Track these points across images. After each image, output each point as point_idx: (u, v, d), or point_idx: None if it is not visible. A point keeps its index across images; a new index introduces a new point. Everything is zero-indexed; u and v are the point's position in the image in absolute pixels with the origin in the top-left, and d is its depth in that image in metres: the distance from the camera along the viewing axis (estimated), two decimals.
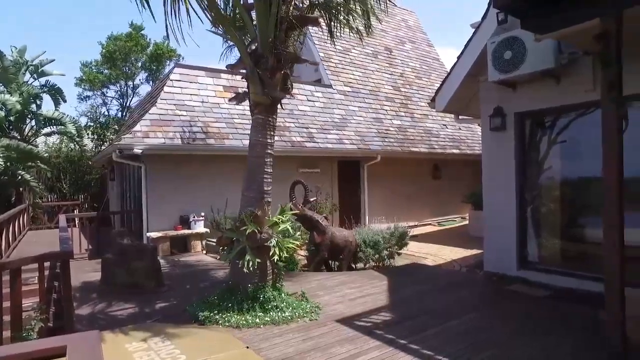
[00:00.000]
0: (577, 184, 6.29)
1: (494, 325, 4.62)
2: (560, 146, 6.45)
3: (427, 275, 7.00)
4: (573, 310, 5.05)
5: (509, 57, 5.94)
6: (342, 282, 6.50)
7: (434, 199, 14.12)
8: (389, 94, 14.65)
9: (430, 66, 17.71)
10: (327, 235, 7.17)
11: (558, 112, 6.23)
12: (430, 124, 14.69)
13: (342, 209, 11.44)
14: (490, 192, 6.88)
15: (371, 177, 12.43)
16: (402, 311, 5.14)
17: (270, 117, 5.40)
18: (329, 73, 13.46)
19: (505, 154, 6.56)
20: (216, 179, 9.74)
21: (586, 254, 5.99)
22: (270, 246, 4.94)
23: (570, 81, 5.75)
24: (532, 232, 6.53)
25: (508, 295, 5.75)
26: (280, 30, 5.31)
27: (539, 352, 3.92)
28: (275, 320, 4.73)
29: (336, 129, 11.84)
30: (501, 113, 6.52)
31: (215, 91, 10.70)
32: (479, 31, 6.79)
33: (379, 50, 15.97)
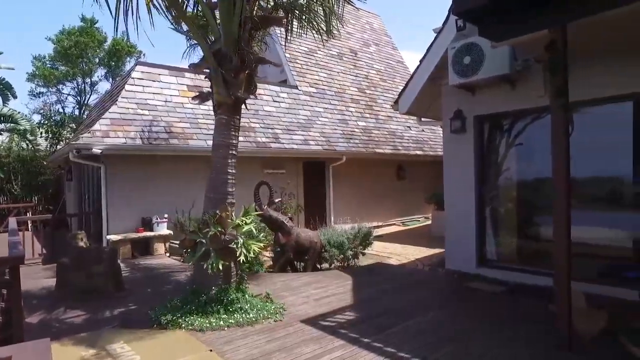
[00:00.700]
0: (532, 185, 6.60)
1: (454, 322, 4.77)
2: (517, 148, 6.75)
3: (390, 274, 7.14)
4: (527, 304, 5.29)
5: (468, 62, 6.16)
6: (307, 283, 6.53)
7: (398, 199, 14.40)
8: (354, 96, 14.82)
9: (395, 69, 18.05)
10: (292, 236, 7.18)
11: (514, 115, 6.53)
12: (394, 126, 14.97)
13: (308, 209, 11.47)
14: (451, 192, 7.10)
15: (336, 177, 12.53)
16: (366, 310, 5.22)
17: (234, 117, 5.36)
18: (295, 74, 13.47)
19: (465, 156, 6.79)
20: (181, 179, 9.54)
21: (540, 251, 6.29)
22: (234, 248, 4.90)
23: (524, 86, 6.03)
24: (490, 231, 6.80)
25: (468, 292, 5.95)
26: (245, 30, 5.28)
27: (495, 345, 4.09)
28: (240, 322, 4.70)
29: (302, 129, 11.86)
30: (461, 116, 6.75)
31: (179, 90, 10.48)
32: (440, 36, 7.00)
33: (344, 52, 16.12)
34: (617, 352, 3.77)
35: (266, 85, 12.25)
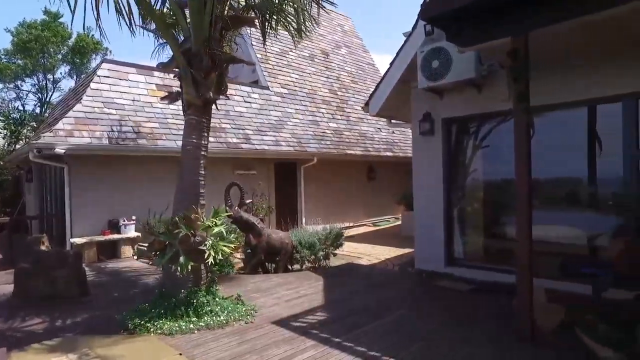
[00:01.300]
0: (498, 186, 6.82)
1: (423, 320, 4.88)
2: (483, 150, 6.96)
3: (361, 274, 7.23)
4: (492, 301, 5.47)
5: (437, 66, 6.31)
6: (279, 284, 6.52)
7: (369, 200, 14.58)
8: (326, 97, 14.90)
9: (365, 71, 18.26)
10: (263, 237, 7.15)
11: (481, 118, 6.73)
12: (365, 127, 15.14)
13: (279, 210, 11.44)
14: (420, 193, 7.25)
15: (308, 178, 12.56)
16: (337, 310, 5.27)
17: (204, 118, 5.29)
18: (267, 75, 13.42)
19: (433, 157, 6.95)
20: (150, 181, 9.33)
21: (505, 249, 6.49)
22: (204, 249, 4.83)
23: (490, 91, 6.23)
24: (458, 231, 6.99)
25: (436, 291, 6.09)
26: (215, 29, 5.23)
27: (461, 341, 4.22)
28: (210, 324, 4.65)
29: (273, 130, 11.82)
30: (430, 118, 6.91)
31: (148, 89, 10.23)
32: (410, 40, 7.12)
33: (316, 53, 16.19)
34: (573, 343, 3.96)
35: (237, 86, 12.15)
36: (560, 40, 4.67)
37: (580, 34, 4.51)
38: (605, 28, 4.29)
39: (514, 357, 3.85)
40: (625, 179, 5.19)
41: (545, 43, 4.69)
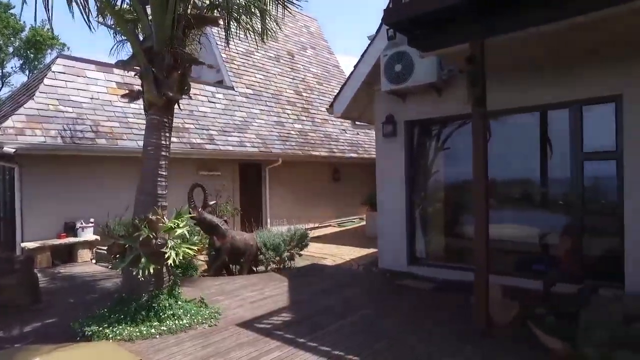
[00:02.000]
0: (459, 186, 7.06)
1: (386, 318, 4.98)
2: (445, 152, 7.19)
3: (326, 274, 7.28)
4: (453, 298, 5.65)
5: (399, 70, 6.47)
6: (243, 286, 6.47)
7: (334, 200, 14.69)
8: (291, 98, 14.90)
9: (331, 73, 18.40)
10: (227, 239, 7.07)
11: (442, 121, 6.95)
12: (330, 129, 15.25)
13: (244, 211, 11.34)
14: (383, 194, 7.40)
15: (273, 179, 12.52)
16: (302, 311, 5.29)
17: (166, 117, 5.18)
18: (231, 75, 13.27)
19: (396, 159, 7.11)
20: (110, 182, 9.01)
21: (465, 248, 6.73)
22: (166, 252, 4.73)
23: (450, 95, 6.45)
24: (420, 230, 7.17)
25: (399, 290, 6.22)
26: (178, 28, 5.14)
27: (423, 336, 4.35)
28: (173, 328, 4.55)
29: (238, 131, 11.70)
30: (392, 121, 7.06)
31: (107, 87, 9.87)
32: (374, 43, 7.26)
33: (282, 54, 16.16)
34: (526, 335, 4.18)
35: (202, 86, 11.93)
36: (515, 48, 4.91)
37: (533, 43, 4.76)
38: (553, 39, 4.56)
39: (471, 350, 4.00)
40: (572, 180, 5.51)
41: (502, 50, 4.91)
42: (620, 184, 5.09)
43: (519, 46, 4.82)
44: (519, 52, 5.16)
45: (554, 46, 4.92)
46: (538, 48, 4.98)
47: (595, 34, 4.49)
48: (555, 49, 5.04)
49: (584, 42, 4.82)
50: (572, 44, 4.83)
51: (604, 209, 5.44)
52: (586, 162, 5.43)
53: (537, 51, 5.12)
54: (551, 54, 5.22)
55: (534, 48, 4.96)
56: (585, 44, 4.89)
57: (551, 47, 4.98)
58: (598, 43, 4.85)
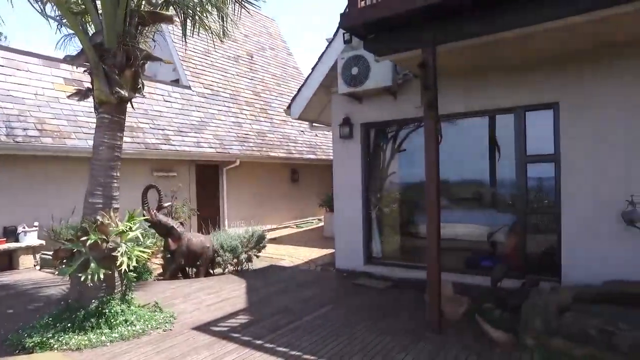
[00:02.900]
0: (414, 187, 7.28)
1: (343, 317, 5.07)
2: (400, 154, 7.39)
3: (284, 275, 7.29)
4: (408, 296, 5.84)
5: (356, 73, 6.60)
6: (200, 289, 6.36)
7: (293, 202, 14.71)
8: (249, 99, 14.79)
9: (290, 74, 18.42)
10: (183, 242, 6.92)
11: (397, 124, 7.15)
12: (288, 130, 15.27)
13: (201, 213, 11.13)
14: (340, 195, 7.50)
15: (231, 181, 12.37)
16: (259, 312, 5.27)
17: (117, 116, 5.01)
18: (188, 74, 12.98)
19: (352, 161, 7.24)
20: (57, 183, 8.56)
21: (420, 247, 6.95)
22: (117, 256, 4.57)
23: (405, 98, 6.66)
24: (376, 230, 7.33)
25: (356, 289, 6.34)
26: (131, 24, 4.98)
27: (377, 334, 4.47)
28: (125, 335, 4.40)
29: (194, 131, 11.46)
30: (349, 123, 7.18)
31: (54, 83, 9.37)
32: (332, 46, 7.36)
33: (240, 54, 16.00)
34: (474, 329, 4.40)
35: (157, 84, 11.61)
36: (466, 54, 5.15)
37: (482, 50, 5.02)
38: (500, 47, 4.83)
39: (423, 345, 4.16)
40: (517, 181, 5.84)
41: (453, 57, 5.14)
42: (558, 185, 5.46)
43: (469, 53, 5.06)
44: (470, 59, 5.42)
45: (498, 54, 5.21)
46: (488, 54, 5.25)
47: (526, 46, 4.83)
48: (500, 57, 5.34)
49: (523, 53, 5.16)
50: (517, 51, 5.15)
51: (545, 209, 5.80)
52: (529, 165, 5.77)
53: (484, 58, 5.40)
54: (497, 61, 5.52)
55: (485, 54, 5.23)
56: (523, 54, 5.23)
57: (496, 55, 5.27)
58: (535, 53, 5.20)
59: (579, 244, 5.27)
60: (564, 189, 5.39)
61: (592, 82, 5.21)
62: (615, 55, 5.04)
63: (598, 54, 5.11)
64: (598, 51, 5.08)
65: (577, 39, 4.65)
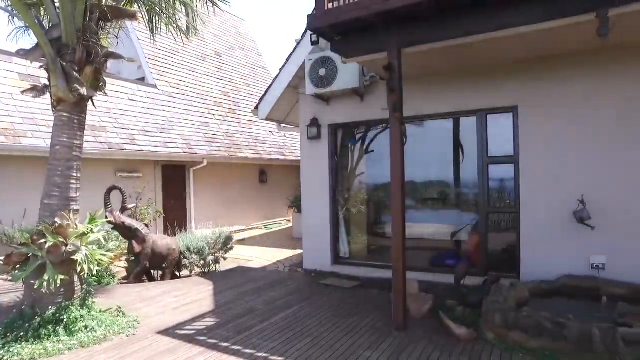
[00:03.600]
0: (381, 188, 7.39)
1: (310, 317, 5.08)
2: (368, 155, 7.50)
3: (252, 277, 7.23)
4: (375, 295, 5.92)
5: (324, 74, 6.64)
6: (165, 292, 6.22)
7: (261, 203, 14.63)
8: (218, 99, 14.59)
9: (258, 74, 18.29)
10: (147, 244, 6.76)
11: (364, 125, 7.24)
12: (257, 131, 15.16)
13: (167, 215, 10.89)
14: (308, 195, 7.52)
15: (198, 181, 12.17)
16: (226, 314, 5.22)
17: (77, 115, 4.83)
18: (154, 73, 12.67)
19: (320, 161, 7.27)
20: (9, 184, 8.15)
21: (386, 247, 7.05)
22: (77, 260, 4.41)
23: (372, 100, 6.75)
24: (344, 231, 7.40)
25: (323, 289, 6.37)
26: (91, 19, 4.81)
27: (345, 332, 4.51)
28: (85, 342, 4.25)
29: (161, 131, 11.20)
30: (317, 124, 7.22)
31: (7, 78, 8.93)
32: (300, 47, 7.38)
33: (209, 54, 15.77)
34: (438, 325, 4.52)
35: (121, 82, 11.27)
36: (431, 58, 5.29)
37: (446, 54, 5.17)
38: (463, 52, 4.99)
39: (389, 342, 4.23)
40: (479, 181, 6.04)
41: (419, 60, 5.27)
42: (517, 185, 5.68)
43: (433, 57, 5.20)
44: (434, 63, 5.57)
45: (461, 58, 5.38)
46: (449, 59, 5.41)
47: (487, 52, 5.02)
48: (463, 61, 5.52)
49: (484, 58, 5.35)
50: (477, 58, 5.33)
51: (505, 208, 6.02)
52: (491, 166, 5.97)
53: (448, 62, 5.56)
54: (460, 65, 5.70)
55: (449, 59, 5.39)
56: (485, 59, 5.43)
57: (459, 59, 5.44)
58: (495, 59, 5.41)
59: (536, 242, 5.51)
60: (523, 189, 5.62)
61: (548, 88, 5.46)
62: (568, 64, 5.31)
63: (553, 62, 5.37)
64: (553, 59, 5.34)
65: (529, 46, 4.92)
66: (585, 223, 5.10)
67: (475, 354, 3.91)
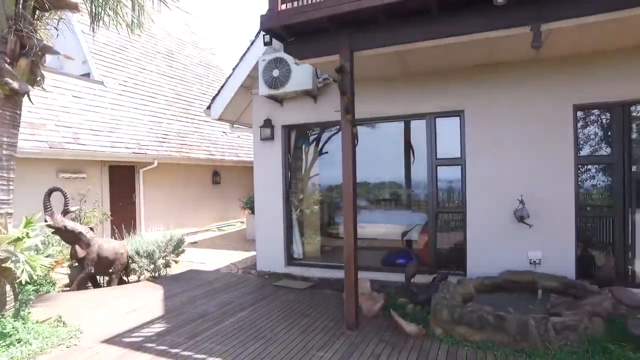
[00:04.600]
0: (334, 189, 7.47)
1: (263, 319, 5.05)
2: (322, 156, 7.54)
3: (204, 280, 7.07)
4: (328, 295, 5.96)
5: (277, 75, 6.62)
6: (112, 298, 5.95)
7: (214, 204, 14.34)
8: (169, 98, 14.14)
9: (213, 74, 17.92)
10: (93, 248, 6.43)
11: (318, 127, 7.29)
12: (210, 131, 14.84)
13: (115, 218, 10.42)
14: (261, 197, 7.45)
15: (148, 182, 11.73)
16: (177, 319, 5.07)
17: (10, 111, 4.51)
18: (101, 69, 12.07)
19: (274, 162, 7.23)
20: None
21: (339, 247, 7.10)
22: (11, 267, 4.12)
23: (325, 101, 6.80)
24: (297, 232, 7.39)
25: (277, 290, 6.33)
26: (25, 7, 4.51)
27: (298, 333, 4.52)
28: (17, 357, 3.94)
29: (108, 130, 10.69)
30: (270, 124, 7.17)
31: None
32: (253, 47, 7.30)
33: (160, 51, 15.25)
34: (390, 323, 4.63)
35: (64, 78, 10.64)
36: (382, 62, 5.42)
37: (398, 59, 5.31)
38: (413, 56, 5.15)
39: (341, 341, 4.28)
40: (429, 183, 6.24)
41: (372, 63, 5.38)
42: (464, 186, 5.94)
43: (385, 60, 5.33)
44: (386, 66, 5.70)
45: (411, 63, 5.56)
46: (400, 63, 5.56)
47: (434, 57, 5.23)
48: (413, 66, 5.70)
49: (433, 63, 5.56)
50: (425, 63, 5.53)
51: (453, 208, 6.26)
52: (439, 167, 6.19)
53: (399, 66, 5.72)
54: (411, 69, 5.88)
55: (397, 63, 5.54)
56: (434, 64, 5.64)
57: (410, 64, 5.62)
58: (443, 65, 5.64)
59: (481, 240, 5.78)
60: (469, 190, 5.88)
61: (492, 93, 5.75)
62: (510, 71, 5.63)
63: (497, 69, 5.67)
64: (497, 66, 5.65)
65: (474, 54, 5.21)
66: (524, 221, 5.41)
67: (424, 349, 4.04)
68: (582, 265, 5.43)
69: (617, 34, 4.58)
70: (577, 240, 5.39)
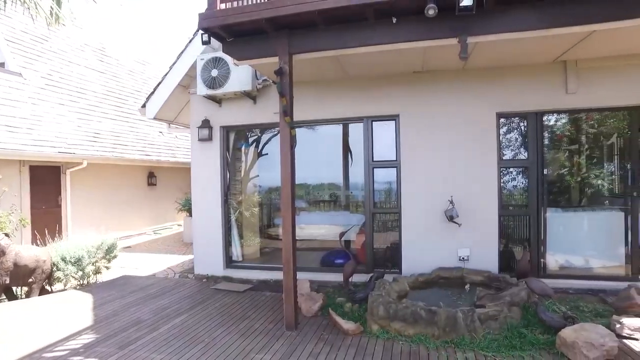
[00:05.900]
0: (274, 191, 7.45)
1: (201, 323, 4.94)
2: (261, 158, 7.50)
3: (138, 285, 6.76)
4: (268, 297, 5.96)
5: (216, 75, 6.50)
6: (31, 310, 5.53)
7: (150, 207, 13.75)
8: (101, 94, 13.32)
9: (150, 71, 17.15)
10: (8, 256, 5.91)
11: (257, 128, 7.25)
12: (146, 130, 14.20)
13: (37, 222, 9.63)
14: (199, 198, 7.26)
15: (77, 184, 10.99)
16: (107, 328, 4.82)
17: None
18: (18, 59, 11.08)
19: (212, 164, 7.08)
20: None
21: (278, 249, 7.13)
22: None
23: (264, 103, 6.78)
24: (236, 234, 7.29)
25: (216, 294, 6.22)
26: None
27: (237, 336, 4.49)
28: None
29: (29, 127, 9.86)
30: (208, 125, 7.02)
31: None
32: (191, 45, 7.10)
33: (90, 44, 14.32)
34: (328, 323, 4.73)
35: None
36: (323, 65, 5.52)
37: (336, 63, 5.43)
38: (350, 61, 5.31)
39: (280, 343, 4.30)
40: (366, 184, 6.44)
41: (311, 66, 5.45)
42: (399, 187, 6.20)
43: (324, 64, 5.43)
44: (325, 70, 5.81)
45: (349, 67, 5.72)
46: (338, 67, 5.70)
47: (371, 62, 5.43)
48: (351, 70, 5.86)
49: (370, 68, 5.76)
50: (362, 67, 5.71)
51: (389, 209, 6.50)
52: (376, 169, 6.41)
53: (338, 70, 5.85)
54: (349, 73, 6.04)
55: (336, 67, 5.67)
56: (370, 69, 5.84)
57: (348, 68, 5.77)
58: (379, 70, 5.87)
59: (415, 239, 6.07)
60: (404, 191, 6.14)
61: (425, 99, 6.06)
62: (442, 79, 5.98)
63: (430, 76, 6.00)
64: (430, 73, 5.97)
65: (407, 61, 5.47)
66: (454, 221, 5.77)
67: (362, 345, 4.17)
68: (504, 260, 5.90)
69: (532, 50, 5.06)
70: (500, 237, 5.84)
